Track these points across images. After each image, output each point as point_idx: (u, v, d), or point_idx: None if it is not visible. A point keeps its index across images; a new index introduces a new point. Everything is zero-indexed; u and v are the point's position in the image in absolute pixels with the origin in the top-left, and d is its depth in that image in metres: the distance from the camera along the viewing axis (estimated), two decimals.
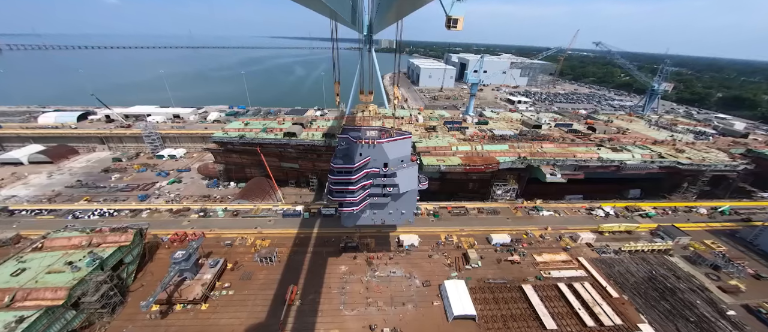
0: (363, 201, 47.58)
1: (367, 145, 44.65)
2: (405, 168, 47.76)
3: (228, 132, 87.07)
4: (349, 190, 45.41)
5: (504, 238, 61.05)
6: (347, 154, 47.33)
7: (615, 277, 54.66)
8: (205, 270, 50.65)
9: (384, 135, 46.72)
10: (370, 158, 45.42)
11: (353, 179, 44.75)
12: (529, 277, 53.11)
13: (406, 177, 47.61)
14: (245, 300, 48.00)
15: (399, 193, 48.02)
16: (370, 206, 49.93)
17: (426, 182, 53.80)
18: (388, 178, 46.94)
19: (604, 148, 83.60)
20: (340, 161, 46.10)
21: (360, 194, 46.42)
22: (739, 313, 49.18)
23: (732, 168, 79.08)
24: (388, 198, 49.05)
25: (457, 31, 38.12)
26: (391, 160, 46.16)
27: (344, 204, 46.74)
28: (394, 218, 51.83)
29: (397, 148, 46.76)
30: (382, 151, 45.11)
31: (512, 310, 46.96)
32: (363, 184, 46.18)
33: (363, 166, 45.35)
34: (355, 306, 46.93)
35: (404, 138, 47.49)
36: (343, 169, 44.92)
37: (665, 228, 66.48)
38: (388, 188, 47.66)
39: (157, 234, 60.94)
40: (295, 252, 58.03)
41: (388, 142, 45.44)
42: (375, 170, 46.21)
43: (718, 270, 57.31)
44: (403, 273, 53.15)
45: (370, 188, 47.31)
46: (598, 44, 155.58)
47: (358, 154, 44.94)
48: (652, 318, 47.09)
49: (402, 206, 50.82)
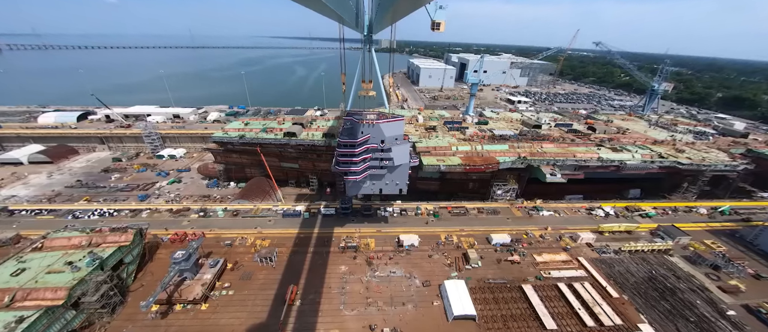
0: (364, 172, 56.31)
1: (368, 125, 53.96)
2: (399, 145, 57.19)
3: (228, 132, 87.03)
4: (353, 162, 54.17)
5: (504, 238, 61.04)
6: (351, 132, 56.59)
7: (615, 277, 54.64)
8: (205, 270, 50.64)
9: (381, 117, 56.57)
10: (370, 136, 54.64)
11: (356, 152, 53.66)
12: (529, 277, 53.09)
13: (400, 152, 56.97)
14: (245, 300, 47.98)
15: (394, 166, 57.58)
16: (370, 177, 58.71)
17: (417, 159, 66.08)
18: (385, 153, 56.36)
19: (604, 148, 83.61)
20: (345, 137, 55.51)
21: (362, 165, 55.09)
22: (739, 313, 49.16)
23: (732, 168, 79.05)
24: (384, 171, 58.32)
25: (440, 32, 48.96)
26: (387, 137, 55.40)
27: (349, 174, 55.32)
28: (390, 188, 60.91)
29: (392, 128, 56.03)
30: (379, 129, 54.49)
31: (512, 310, 46.94)
32: (364, 157, 55.08)
33: (364, 142, 54.35)
34: (355, 306, 46.91)
35: (398, 120, 57.83)
36: (348, 144, 54.27)
37: (665, 228, 66.47)
38: (385, 161, 56.98)
39: (157, 234, 60.95)
40: (295, 252, 58.00)
41: (385, 122, 55.16)
42: (374, 146, 55.36)
43: (718, 270, 57.30)
44: (403, 273, 53.14)
45: (370, 161, 56.10)
46: (598, 44, 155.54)
47: (360, 132, 53.96)
48: (652, 318, 47.07)
49: (396, 177, 59.90)
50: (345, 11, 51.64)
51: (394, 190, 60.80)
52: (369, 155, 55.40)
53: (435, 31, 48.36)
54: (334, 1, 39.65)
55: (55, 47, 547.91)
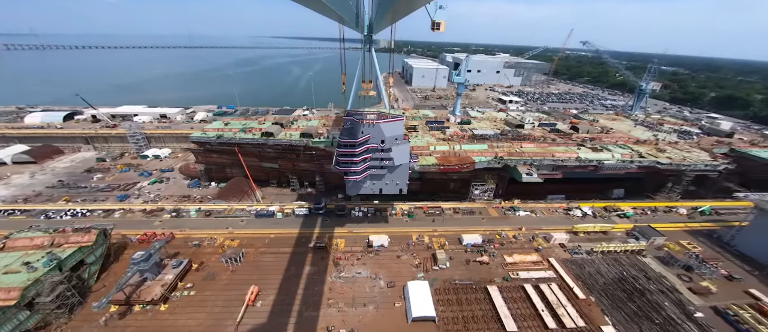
0: (364, 172, 55.92)
1: (368, 125, 53.70)
2: (399, 145, 56.61)
3: (206, 132, 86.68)
4: (353, 162, 53.80)
5: (475, 239, 60.52)
6: (351, 132, 56.06)
7: (584, 278, 54.04)
8: (167, 271, 50.27)
9: (381, 117, 56.31)
10: (370, 135, 54.27)
11: (356, 152, 53.31)
12: (496, 278, 52.54)
13: (400, 152, 56.53)
14: (206, 301, 47.58)
15: (394, 166, 56.93)
16: (370, 177, 58.13)
17: (417, 159, 64.29)
18: (385, 153, 55.88)
19: (584, 147, 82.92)
20: (346, 137, 54.98)
21: (362, 165, 54.74)
22: (707, 315, 48.53)
23: (712, 167, 78.28)
24: (384, 171, 57.64)
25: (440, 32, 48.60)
26: (387, 137, 54.97)
27: (349, 174, 54.88)
28: (390, 188, 60.14)
29: (392, 128, 55.67)
30: (379, 129, 54.14)
31: (475, 312, 46.42)
32: (364, 157, 54.71)
33: (364, 142, 53.98)
34: (317, 306, 46.44)
35: (398, 120, 57.64)
36: (348, 143, 53.63)
37: (641, 229, 65.81)
38: (385, 161, 56.42)
39: (126, 235, 60.69)
40: (263, 252, 57.60)
41: (385, 122, 54.73)
42: (374, 145, 54.94)
43: (690, 271, 56.65)
44: (369, 274, 52.68)
45: (370, 161, 55.69)
46: (585, 43, 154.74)
47: (360, 132, 53.57)
48: (617, 320, 46.48)
49: (396, 177, 59.17)
50: (345, 11, 52.31)
51: (394, 190, 60.41)
52: (369, 155, 55.30)
53: (435, 31, 48.31)
54: (334, 1, 39.94)
55: (53, 47, 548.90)
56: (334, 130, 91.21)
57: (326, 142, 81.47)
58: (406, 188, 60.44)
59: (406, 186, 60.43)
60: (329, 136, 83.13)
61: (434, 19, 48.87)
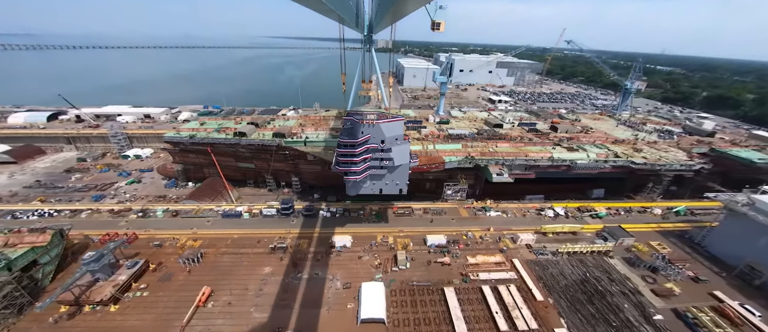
0: (364, 172, 55.69)
1: (368, 125, 53.44)
2: (399, 145, 56.38)
3: (179, 131, 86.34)
4: (353, 162, 53.59)
5: (439, 239, 59.96)
6: (351, 132, 55.87)
7: (546, 280, 53.37)
8: (121, 272, 49.86)
9: (381, 117, 55.80)
10: (370, 136, 54.00)
11: (356, 152, 53.11)
12: (454, 280, 51.93)
13: (400, 152, 56.23)
14: (158, 302, 47.16)
15: (394, 166, 56.59)
16: (370, 177, 57.81)
17: (417, 159, 64.89)
18: (385, 153, 55.56)
19: (559, 147, 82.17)
20: (345, 137, 54.71)
21: (362, 165, 54.49)
22: (666, 317, 47.84)
23: (687, 167, 77.42)
24: (384, 171, 57.32)
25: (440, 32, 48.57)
26: (387, 137, 54.71)
27: (349, 174, 54.60)
28: (390, 188, 59.80)
29: (392, 128, 55.40)
30: (379, 129, 53.86)
31: (428, 313, 45.86)
32: (364, 157, 54.51)
33: (364, 142, 53.74)
34: (268, 308, 45.98)
35: (398, 120, 57.28)
36: (348, 144, 53.42)
37: (610, 229, 65.08)
38: (385, 161, 56.08)
39: (88, 235, 60.37)
40: (224, 253, 57.16)
41: (385, 123, 54.54)
42: (374, 146, 54.71)
43: (655, 273, 55.96)
44: (327, 275, 52.17)
45: (370, 161, 55.45)
46: (569, 42, 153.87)
47: (360, 132, 53.35)
48: (572, 323, 45.80)
49: (396, 177, 58.84)
50: (345, 11, 52.67)
51: (394, 190, 60.24)
52: (369, 155, 55.12)
53: (435, 31, 48.13)
54: (334, 1, 39.76)
55: (50, 47, 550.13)
56: (310, 130, 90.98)
57: (299, 142, 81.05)
58: (406, 188, 60.42)
59: (406, 186, 60.48)
60: (303, 136, 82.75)
61: (434, 19, 48.58)
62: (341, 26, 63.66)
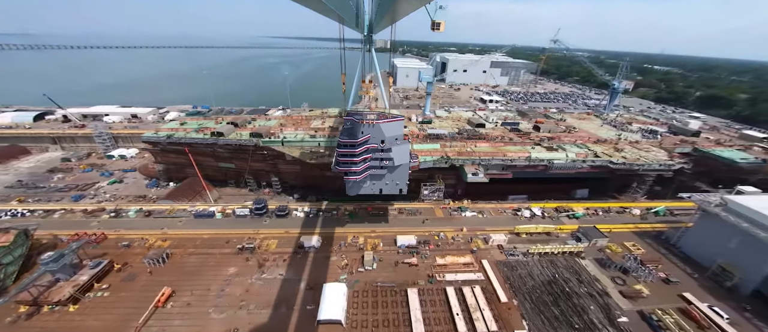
0: (364, 172, 55.96)
1: (368, 125, 53.56)
2: (399, 145, 56.63)
3: (158, 131, 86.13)
4: (353, 162, 53.83)
5: (409, 240, 59.50)
6: (352, 132, 55.85)
7: (513, 281, 52.83)
8: (84, 272, 49.63)
9: (381, 117, 55.81)
10: (370, 136, 54.18)
11: (356, 152, 53.33)
12: (420, 281, 51.46)
13: (400, 152, 56.48)
14: (118, 302, 46.91)
15: (394, 166, 56.86)
16: (370, 177, 58.10)
17: (417, 159, 65.52)
18: (385, 153, 55.76)
19: (539, 147, 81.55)
20: (345, 137, 54.76)
21: (362, 165, 54.78)
22: (632, 319, 47.24)
23: (667, 167, 76.69)
24: (384, 171, 57.61)
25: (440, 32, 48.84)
26: (387, 137, 54.93)
27: (349, 174, 54.88)
28: (390, 188, 60.01)
29: (392, 128, 55.48)
30: (379, 130, 54.05)
31: (389, 315, 45.41)
32: (364, 157, 54.70)
33: (364, 142, 53.97)
34: (227, 309, 45.63)
35: (398, 119, 57.22)
36: (348, 144, 53.65)
37: (585, 230, 64.45)
38: (385, 161, 56.31)
39: (57, 235, 60.21)
40: (191, 253, 56.88)
41: (385, 123, 54.75)
42: (374, 146, 54.89)
43: (626, 274, 55.36)
44: (292, 276, 51.78)
45: (370, 161, 55.60)
46: (555, 42, 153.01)
47: (360, 132, 53.47)
48: (535, 325, 45.26)
49: (396, 177, 59.12)
50: (345, 11, 52.76)
51: (394, 190, 60.57)
52: (369, 155, 55.36)
53: (435, 31, 48.35)
54: (334, 1, 39.49)
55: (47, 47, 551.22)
56: (290, 130, 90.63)
57: (276, 142, 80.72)
58: (406, 188, 60.56)
59: (406, 186, 60.57)
60: (280, 137, 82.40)
61: (434, 19, 48.74)
62: (341, 26, 64.22)
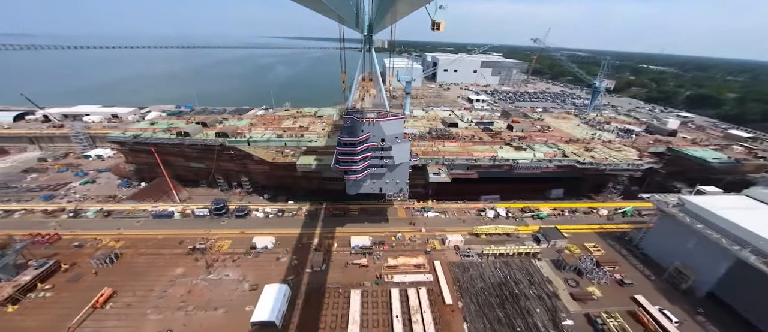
0: (364, 170, 55.48)
1: (368, 123, 52.89)
2: (399, 143, 55.84)
3: (125, 132, 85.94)
4: (354, 160, 53.40)
5: (364, 241, 58.97)
6: (352, 131, 55.39)
7: (462, 282, 52.16)
8: (27, 272, 49.37)
9: (381, 115, 55.34)
10: (371, 134, 53.45)
11: (357, 151, 52.74)
12: (366, 282, 50.91)
13: (400, 151, 55.86)
14: (58, 303, 46.63)
15: (394, 165, 56.48)
16: (370, 176, 57.58)
17: (417, 158, 64.92)
18: (385, 152, 55.26)
19: (507, 146, 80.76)
20: (345, 136, 54.17)
21: (362, 164, 54.36)
22: (578, 323, 46.55)
23: (636, 167, 75.74)
24: (385, 169, 57.16)
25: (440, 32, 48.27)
26: (388, 136, 54.21)
27: (349, 173, 54.66)
28: (390, 187, 59.55)
29: (393, 126, 54.62)
30: (380, 128, 53.31)
31: (328, 317, 44.90)
32: (365, 156, 54.22)
33: (364, 141, 53.32)
34: (165, 310, 45.26)
35: (398, 118, 56.64)
36: (348, 142, 53.08)
37: (545, 231, 63.71)
38: (385, 160, 55.83)
39: (12, 235, 59.89)
40: (142, 254, 56.55)
41: (385, 121, 53.79)
42: (374, 144, 54.33)
43: (581, 276, 54.61)
44: (238, 276, 51.36)
45: (370, 160, 55.19)
46: (535, 41, 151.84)
47: (360, 131, 52.89)
48: (476, 328, 44.59)
49: (396, 176, 58.61)
50: (345, 11, 52.07)
51: (394, 189, 60.31)
52: (369, 153, 54.90)
53: (435, 31, 47.92)
54: (334, 1, 39.07)
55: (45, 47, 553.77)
56: (259, 129, 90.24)
57: (242, 141, 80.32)
58: (407, 188, 59.38)
59: (407, 185, 59.52)
60: (247, 137, 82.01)
61: (434, 19, 48.26)
62: (341, 26, 63.82)
